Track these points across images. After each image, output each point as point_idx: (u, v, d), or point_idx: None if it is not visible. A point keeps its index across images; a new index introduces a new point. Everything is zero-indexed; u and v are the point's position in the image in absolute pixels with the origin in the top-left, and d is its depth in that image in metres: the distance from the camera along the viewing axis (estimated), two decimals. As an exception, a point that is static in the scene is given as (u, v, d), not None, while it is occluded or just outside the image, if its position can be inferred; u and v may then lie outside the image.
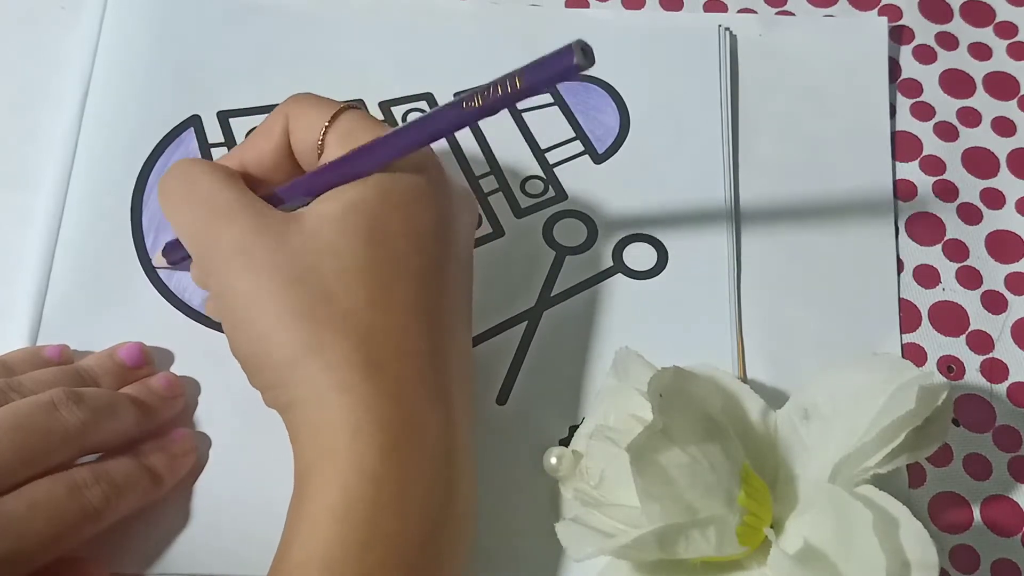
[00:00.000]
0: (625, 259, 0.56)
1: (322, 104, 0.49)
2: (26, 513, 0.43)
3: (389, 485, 0.42)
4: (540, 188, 0.58)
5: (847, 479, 0.46)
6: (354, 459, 0.42)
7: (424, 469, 0.43)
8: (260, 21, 0.62)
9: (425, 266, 0.46)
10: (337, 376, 0.43)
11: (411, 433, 0.43)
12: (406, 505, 0.42)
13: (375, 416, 0.43)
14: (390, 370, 0.44)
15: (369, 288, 0.45)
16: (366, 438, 0.42)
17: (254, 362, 0.46)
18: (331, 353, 0.43)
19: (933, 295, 0.56)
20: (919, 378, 0.45)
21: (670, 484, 0.44)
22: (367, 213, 0.45)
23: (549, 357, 0.54)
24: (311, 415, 0.44)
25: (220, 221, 0.46)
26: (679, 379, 0.47)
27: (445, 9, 0.63)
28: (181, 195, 0.48)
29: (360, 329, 0.44)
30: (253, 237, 0.45)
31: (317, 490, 0.42)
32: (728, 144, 0.59)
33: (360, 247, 0.45)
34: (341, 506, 0.41)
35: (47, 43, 0.61)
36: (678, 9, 0.64)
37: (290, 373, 0.44)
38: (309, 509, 0.42)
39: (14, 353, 0.51)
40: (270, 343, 0.44)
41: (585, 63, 0.38)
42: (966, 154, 0.60)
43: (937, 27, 0.64)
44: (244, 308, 0.45)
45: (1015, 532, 0.51)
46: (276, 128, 0.49)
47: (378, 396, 0.43)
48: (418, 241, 0.46)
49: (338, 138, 0.47)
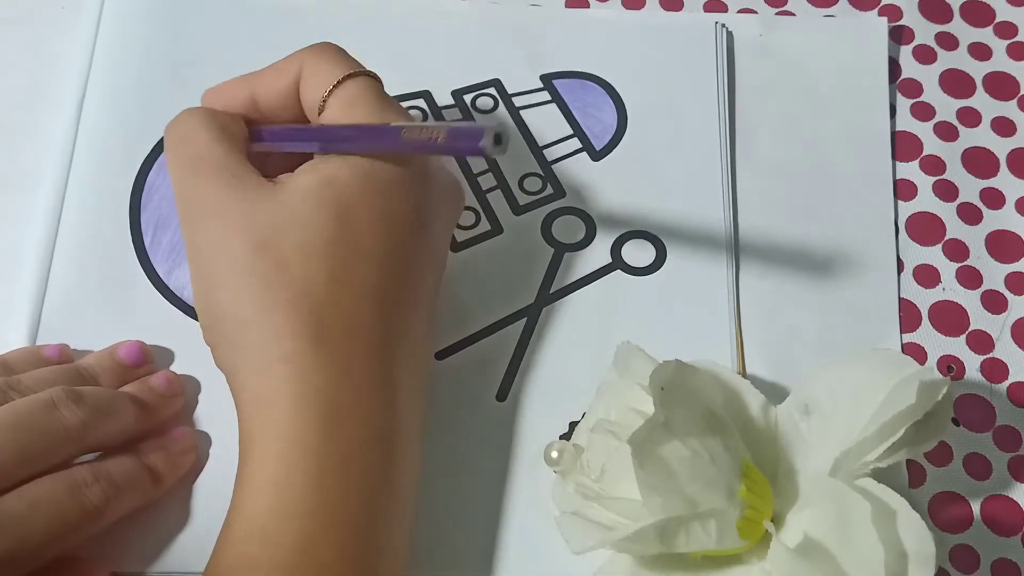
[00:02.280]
0: (624, 256, 0.56)
1: (337, 62, 0.50)
2: (26, 512, 0.43)
3: (328, 459, 0.43)
4: (539, 185, 0.58)
5: (847, 473, 0.46)
6: (294, 432, 0.43)
7: (364, 446, 0.44)
8: (259, 20, 0.62)
9: (390, 252, 0.47)
10: (284, 346, 0.44)
11: (352, 411, 0.44)
12: (346, 479, 0.43)
13: (317, 389, 0.43)
14: (337, 347, 0.44)
15: (328, 265, 0.45)
16: (306, 411, 0.43)
17: (209, 317, 0.47)
18: (281, 322, 0.44)
19: (933, 295, 0.56)
20: (919, 373, 0.45)
21: (671, 477, 0.44)
22: (340, 192, 0.46)
23: (548, 353, 0.54)
24: (254, 382, 0.44)
25: (201, 177, 0.48)
26: (681, 373, 0.47)
27: (445, 9, 0.63)
28: (174, 148, 0.50)
29: (312, 303, 0.45)
30: (228, 197, 0.46)
31: (258, 459, 0.43)
32: (726, 142, 0.59)
33: (326, 223, 0.46)
34: (280, 476, 0.42)
35: (46, 43, 0.61)
36: (678, 9, 0.64)
37: (239, 334, 0.45)
38: (251, 478, 0.43)
39: (14, 352, 0.51)
40: (223, 300, 0.45)
41: (493, 151, 0.41)
42: (966, 154, 0.60)
43: (937, 27, 0.64)
44: (208, 263, 0.46)
45: (1015, 532, 0.51)
46: (289, 72, 0.50)
47: (322, 370, 0.44)
48: (387, 228, 0.47)
49: (339, 102, 0.49)
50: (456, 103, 0.60)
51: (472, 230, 0.57)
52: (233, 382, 0.46)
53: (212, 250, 0.46)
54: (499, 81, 0.61)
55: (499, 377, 0.53)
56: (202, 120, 0.50)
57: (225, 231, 0.46)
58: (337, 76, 0.49)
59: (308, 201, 0.46)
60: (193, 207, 0.48)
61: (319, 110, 0.49)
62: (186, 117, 0.50)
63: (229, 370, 0.46)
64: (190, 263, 0.48)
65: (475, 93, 0.61)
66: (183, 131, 0.50)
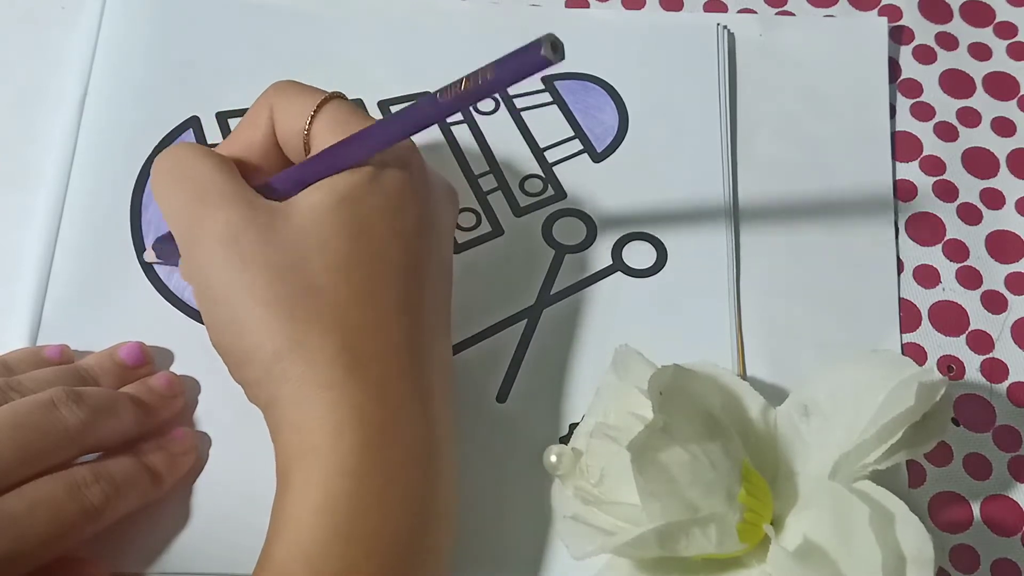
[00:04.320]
0: (624, 257, 0.56)
1: (305, 93, 0.49)
2: (26, 512, 0.43)
3: (370, 482, 0.42)
4: (539, 187, 0.58)
5: (847, 475, 0.46)
6: (336, 457, 0.42)
7: (405, 466, 0.43)
8: (259, 21, 0.62)
9: (408, 263, 0.46)
10: (320, 373, 0.43)
11: (392, 431, 0.43)
12: (387, 502, 0.42)
13: (357, 414, 0.43)
14: (372, 368, 0.44)
15: (353, 284, 0.45)
16: (348, 436, 0.42)
17: (235, 356, 0.46)
18: (314, 349, 0.43)
19: (933, 295, 0.56)
20: (918, 375, 0.45)
21: (671, 482, 0.44)
22: (355, 208, 0.45)
23: (549, 355, 0.54)
24: (293, 412, 0.44)
25: (207, 208, 0.46)
26: (679, 377, 0.47)
27: (445, 9, 0.63)
28: (171, 178, 0.48)
29: (344, 326, 0.44)
30: (239, 227, 0.45)
31: (299, 488, 0.42)
32: (727, 143, 0.59)
33: (346, 242, 0.45)
34: (323, 503, 0.42)
35: (47, 43, 0.61)
36: (678, 9, 0.64)
37: (272, 368, 0.44)
38: (292, 506, 0.42)
39: (14, 353, 0.51)
40: (252, 337, 0.44)
41: (554, 57, 0.39)
42: (966, 154, 0.60)
43: (937, 27, 0.64)
44: (226, 300, 0.45)
45: (1015, 532, 0.51)
46: (261, 118, 0.49)
47: (360, 394, 0.43)
48: (402, 238, 0.46)
49: (325, 126, 0.47)
50: (457, 104, 0.60)
51: (473, 232, 0.57)
52: (270, 415, 0.45)
53: (231, 286, 0.44)
54: (500, 82, 0.61)
55: (499, 378, 0.53)
56: (198, 151, 0.48)
57: (242, 263, 0.44)
58: (312, 104, 0.48)
59: (325, 221, 0.45)
60: (199, 241, 0.46)
61: (304, 143, 0.48)
62: (179, 149, 0.49)
63: (265, 404, 0.45)
64: (204, 303, 0.46)
65: (476, 93, 0.61)
66: (179, 162, 0.48)
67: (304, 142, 0.48)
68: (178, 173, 0.48)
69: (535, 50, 0.39)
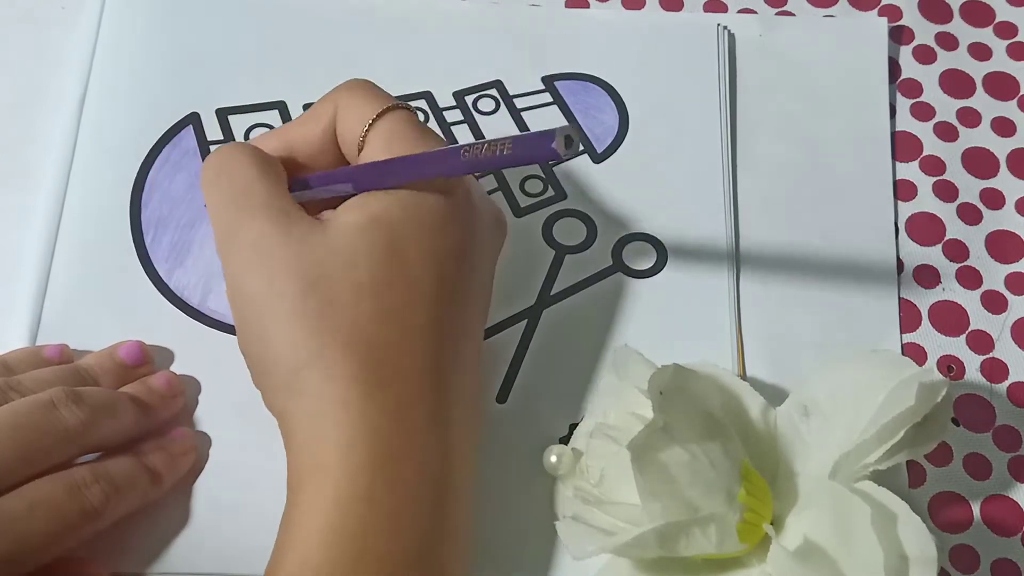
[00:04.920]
0: (624, 258, 0.56)
1: (372, 98, 0.49)
2: (26, 512, 0.43)
3: (381, 505, 0.42)
4: (539, 187, 0.58)
5: (847, 476, 0.46)
6: (347, 476, 0.42)
7: (418, 490, 0.43)
8: (258, 19, 0.62)
9: (440, 288, 0.46)
10: (338, 389, 0.43)
11: (407, 454, 0.43)
12: (398, 526, 0.42)
13: (372, 434, 0.43)
14: (391, 389, 0.44)
15: (380, 304, 0.44)
16: (361, 456, 0.42)
17: (259, 362, 0.46)
18: (334, 365, 0.43)
19: (933, 295, 0.56)
20: (918, 375, 0.45)
21: (671, 482, 0.44)
22: (388, 229, 0.45)
23: (549, 355, 0.54)
24: (307, 425, 0.43)
25: (245, 214, 0.46)
26: (679, 377, 0.47)
27: (445, 9, 0.63)
28: (215, 180, 0.48)
29: (366, 344, 0.44)
30: (273, 237, 0.45)
31: (309, 503, 0.42)
32: (727, 143, 0.59)
33: (377, 263, 0.45)
34: (333, 522, 0.41)
35: (47, 43, 0.61)
36: (678, 9, 0.64)
37: (292, 379, 0.44)
38: (301, 521, 0.42)
39: (14, 353, 0.51)
40: (275, 346, 0.44)
41: (565, 152, 0.40)
42: (966, 154, 0.60)
43: (937, 27, 0.64)
44: (254, 307, 0.45)
45: (1015, 532, 0.51)
46: (325, 114, 0.50)
47: (377, 414, 0.43)
48: (435, 263, 0.46)
49: (378, 138, 0.47)
50: (457, 104, 0.60)
51: (473, 232, 0.57)
52: (285, 425, 0.45)
53: (261, 295, 0.45)
54: (500, 82, 0.61)
55: (499, 379, 0.53)
56: (246, 155, 0.48)
57: (273, 273, 0.45)
58: (373, 112, 0.48)
59: (357, 239, 0.45)
60: (236, 246, 0.46)
61: (359, 148, 0.48)
62: (228, 151, 0.49)
63: (280, 414, 0.45)
64: (234, 308, 0.47)
65: (477, 94, 0.61)
66: (225, 164, 0.48)
67: (358, 147, 0.48)
68: (222, 174, 0.48)
69: (548, 139, 0.41)
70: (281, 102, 0.60)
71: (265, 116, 0.59)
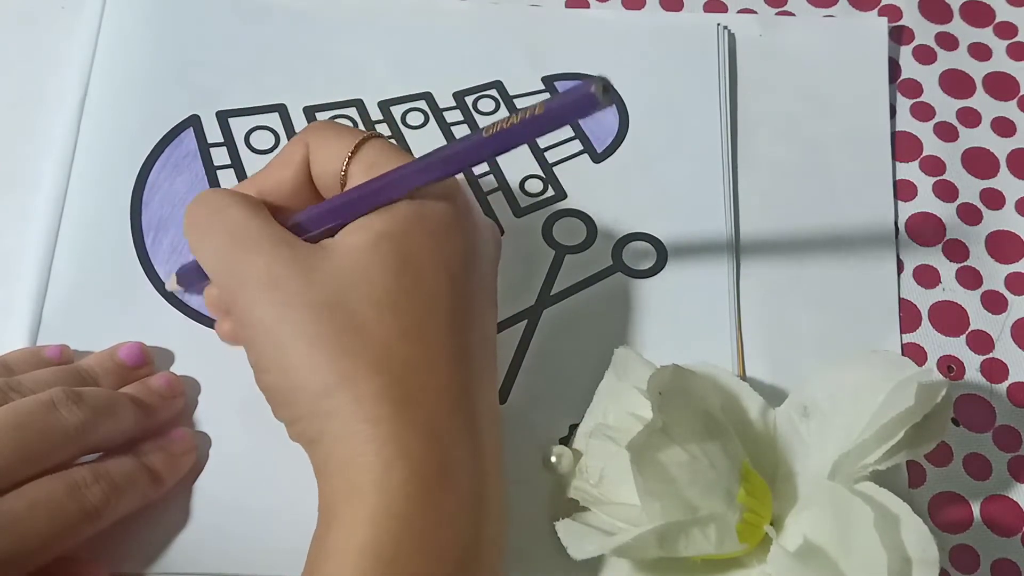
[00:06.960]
0: (624, 258, 0.56)
1: (344, 133, 0.48)
2: (26, 512, 0.43)
3: (418, 524, 0.41)
4: (539, 187, 0.58)
5: (847, 476, 0.46)
6: (384, 497, 0.41)
7: (454, 509, 0.42)
8: (259, 21, 0.62)
9: (455, 298, 0.45)
10: (368, 410, 0.42)
11: (442, 471, 0.42)
12: (434, 545, 0.41)
13: (406, 453, 0.42)
14: (422, 405, 0.43)
15: (401, 320, 0.44)
16: (397, 476, 0.41)
17: (281, 394, 0.45)
18: (362, 386, 0.42)
19: (933, 295, 0.56)
20: (918, 375, 0.45)
21: (670, 482, 0.44)
22: (397, 244, 0.45)
23: (549, 356, 0.54)
24: (340, 449, 0.42)
25: (246, 252, 0.45)
26: (678, 377, 0.47)
27: (445, 9, 0.63)
28: (206, 224, 0.47)
29: (392, 362, 0.43)
30: (280, 268, 0.44)
31: (344, 526, 0.41)
32: (727, 143, 0.59)
33: (392, 278, 0.44)
34: (369, 544, 0.41)
35: (47, 43, 0.61)
36: (678, 9, 0.64)
37: (319, 406, 0.43)
38: (336, 544, 0.41)
39: (14, 353, 0.51)
40: (298, 375, 0.43)
41: (604, 99, 0.38)
42: (966, 154, 0.60)
43: (937, 27, 0.64)
44: (271, 340, 0.44)
45: (1015, 532, 0.51)
46: (296, 156, 0.49)
47: (410, 432, 0.42)
48: (447, 272, 0.45)
49: (362, 168, 0.46)
50: (458, 105, 0.60)
51: (473, 232, 0.57)
52: (314, 452, 0.44)
53: (275, 324, 0.44)
54: (500, 83, 0.61)
55: (499, 379, 0.53)
56: (232, 196, 0.47)
57: (285, 303, 0.44)
58: (349, 145, 0.47)
59: (368, 257, 0.44)
60: (241, 284, 0.45)
61: (341, 183, 0.47)
62: (212, 195, 0.48)
63: (309, 441, 0.44)
64: (249, 343, 0.45)
65: (477, 95, 0.61)
66: (213, 209, 0.47)
67: (341, 183, 0.47)
68: (211, 219, 0.47)
69: (586, 87, 0.38)
70: (281, 105, 0.60)
71: (265, 119, 0.59)
